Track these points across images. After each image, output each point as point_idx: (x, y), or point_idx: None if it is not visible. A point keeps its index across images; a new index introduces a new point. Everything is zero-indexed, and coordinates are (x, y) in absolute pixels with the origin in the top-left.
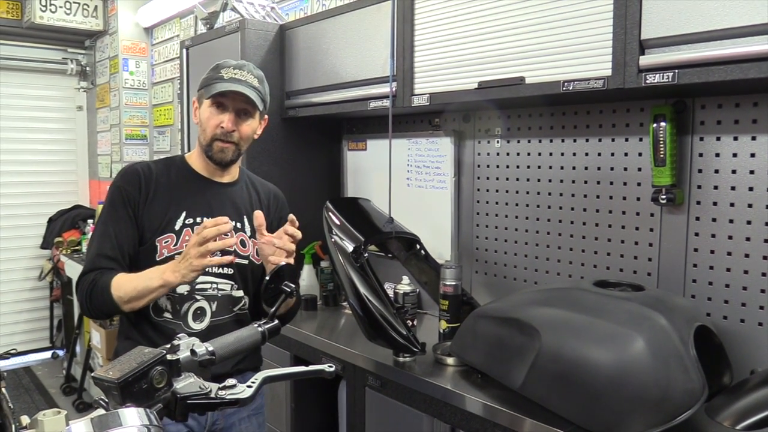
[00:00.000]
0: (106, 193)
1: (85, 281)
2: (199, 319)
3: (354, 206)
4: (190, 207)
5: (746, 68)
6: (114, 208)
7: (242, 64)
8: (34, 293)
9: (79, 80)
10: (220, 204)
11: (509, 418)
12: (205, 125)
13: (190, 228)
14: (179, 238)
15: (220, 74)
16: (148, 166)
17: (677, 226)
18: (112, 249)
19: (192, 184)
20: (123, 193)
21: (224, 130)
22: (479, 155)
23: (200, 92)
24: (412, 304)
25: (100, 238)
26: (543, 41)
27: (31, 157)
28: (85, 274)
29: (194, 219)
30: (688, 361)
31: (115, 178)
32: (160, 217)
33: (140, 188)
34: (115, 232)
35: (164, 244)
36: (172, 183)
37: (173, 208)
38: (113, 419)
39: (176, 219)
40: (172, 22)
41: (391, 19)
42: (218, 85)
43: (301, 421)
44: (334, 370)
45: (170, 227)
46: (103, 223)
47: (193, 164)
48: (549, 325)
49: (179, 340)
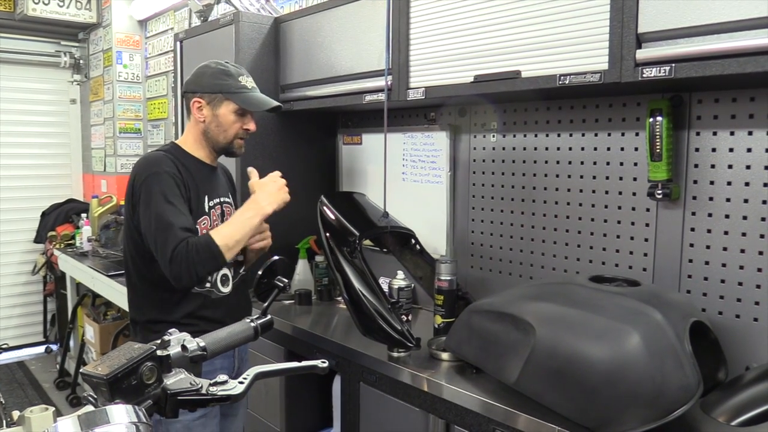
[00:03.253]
0: (150, 182)
1: (181, 253)
2: (225, 284)
3: (349, 200)
4: (209, 192)
5: (744, 62)
6: (173, 191)
7: (245, 70)
8: (27, 287)
9: (72, 73)
10: (219, 186)
11: (504, 414)
12: (227, 127)
13: (213, 209)
14: (210, 219)
15: (241, 84)
16: (171, 158)
17: (673, 221)
18: (189, 222)
19: (201, 172)
20: (174, 179)
21: (248, 132)
22: (475, 149)
23: (216, 96)
24: (407, 299)
25: (176, 215)
26: (539, 35)
27: (24, 151)
28: (178, 246)
29: (213, 201)
30: (684, 357)
31: (151, 168)
32: (195, 203)
33: (182, 176)
34: (185, 209)
35: (203, 225)
36: (191, 172)
37: (200, 194)
38: (101, 416)
39: (203, 202)
40: (166, 15)
41: (387, 12)
42: (252, 96)
43: (295, 416)
44: (327, 366)
45: (202, 210)
46: (171, 204)
47: (194, 153)
48: (544, 320)
49: (170, 336)
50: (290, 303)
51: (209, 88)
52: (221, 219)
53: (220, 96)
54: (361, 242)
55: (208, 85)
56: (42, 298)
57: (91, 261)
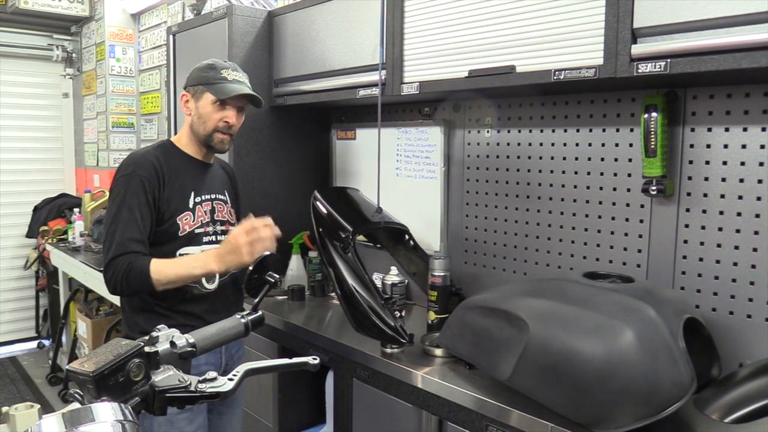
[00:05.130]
0: (119, 182)
1: (119, 264)
2: (211, 280)
3: (342, 196)
4: (197, 188)
5: (739, 58)
6: (136, 195)
7: (235, 65)
8: (19, 282)
9: (65, 67)
10: (212, 183)
11: (497, 410)
12: (206, 119)
13: (200, 205)
14: (195, 215)
15: (222, 75)
16: (155, 156)
17: (667, 217)
18: (139, 233)
19: (191, 168)
20: (144, 181)
21: (228, 125)
22: (469, 145)
23: (197, 88)
24: (401, 294)
25: (126, 223)
26: (534, 29)
27: (16, 145)
28: (117, 257)
29: (201, 197)
30: (677, 354)
31: (127, 168)
32: (177, 200)
33: (158, 177)
34: (140, 217)
35: (185, 221)
36: (178, 168)
37: (185, 190)
38: (85, 414)
39: (188, 198)
40: (159, 8)
41: (381, 6)
42: (226, 86)
43: (288, 412)
44: (318, 363)
45: (186, 206)
46: (128, 209)
47: (185, 149)
48: (538, 316)
49: (158, 332)
50: (283, 298)
51: (193, 81)
52: (211, 216)
53: (201, 88)
54: (355, 238)
55: (193, 79)
56: (34, 293)
57: (83, 256)
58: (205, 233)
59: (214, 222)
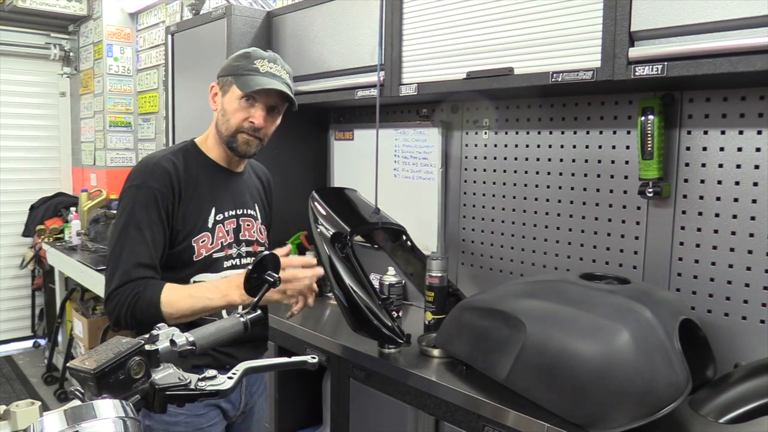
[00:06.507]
0: (126, 194)
1: (125, 294)
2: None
3: (340, 196)
4: (218, 203)
5: (735, 61)
6: (146, 210)
7: (275, 56)
8: (15, 281)
9: (62, 65)
10: (240, 195)
11: (493, 410)
12: (230, 116)
13: (221, 224)
14: (214, 236)
15: (254, 66)
16: (172, 162)
17: (663, 219)
18: (149, 256)
19: (215, 178)
20: (156, 195)
21: (253, 126)
22: (467, 146)
23: (226, 79)
24: (398, 295)
25: (134, 245)
26: (532, 31)
27: (13, 143)
28: (122, 286)
29: (223, 214)
30: (673, 355)
31: (137, 178)
32: (195, 217)
33: (173, 189)
34: (151, 238)
35: (201, 243)
36: (199, 178)
37: (204, 206)
38: (87, 411)
39: (208, 217)
40: (157, 8)
41: (380, 7)
42: (255, 78)
43: (285, 412)
44: (316, 362)
45: (205, 226)
46: (136, 228)
47: (210, 153)
48: (534, 317)
49: (158, 330)
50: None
51: (224, 71)
52: (235, 235)
53: (229, 80)
54: (352, 238)
55: (224, 68)
56: (30, 292)
57: (80, 255)
58: (227, 257)
59: (238, 243)
